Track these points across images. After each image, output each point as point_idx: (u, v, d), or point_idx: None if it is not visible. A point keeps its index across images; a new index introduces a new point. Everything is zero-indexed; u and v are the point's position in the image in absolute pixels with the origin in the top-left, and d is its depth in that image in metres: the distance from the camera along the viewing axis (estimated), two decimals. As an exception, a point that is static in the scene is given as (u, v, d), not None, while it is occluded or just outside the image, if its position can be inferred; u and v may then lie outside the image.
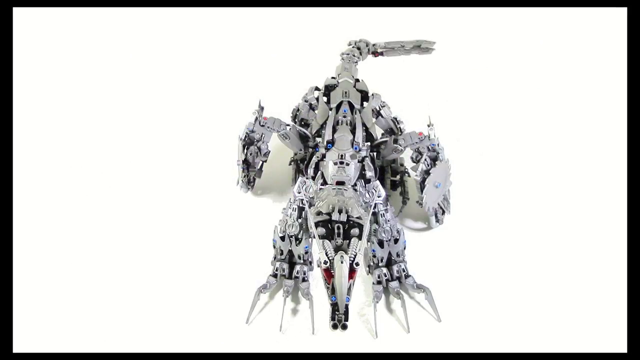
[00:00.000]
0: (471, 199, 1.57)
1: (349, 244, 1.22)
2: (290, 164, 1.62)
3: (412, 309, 1.30)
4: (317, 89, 1.64)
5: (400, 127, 1.62)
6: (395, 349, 1.23)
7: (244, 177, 1.56)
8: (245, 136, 1.53)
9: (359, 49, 1.81)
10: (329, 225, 1.24)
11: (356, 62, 1.75)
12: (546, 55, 2.25)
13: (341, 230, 1.24)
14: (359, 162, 1.39)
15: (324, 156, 1.41)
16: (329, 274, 1.19)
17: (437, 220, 1.49)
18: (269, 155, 1.56)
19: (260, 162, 1.57)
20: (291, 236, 1.31)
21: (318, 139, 1.48)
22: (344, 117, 1.49)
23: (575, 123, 1.89)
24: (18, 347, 1.26)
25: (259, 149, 1.54)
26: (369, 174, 1.40)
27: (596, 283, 1.37)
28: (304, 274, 1.31)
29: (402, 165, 1.59)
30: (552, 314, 1.30)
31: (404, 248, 1.33)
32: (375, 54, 1.87)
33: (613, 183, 1.64)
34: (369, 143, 1.46)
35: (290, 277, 1.31)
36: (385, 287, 1.31)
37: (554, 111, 1.95)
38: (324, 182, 1.36)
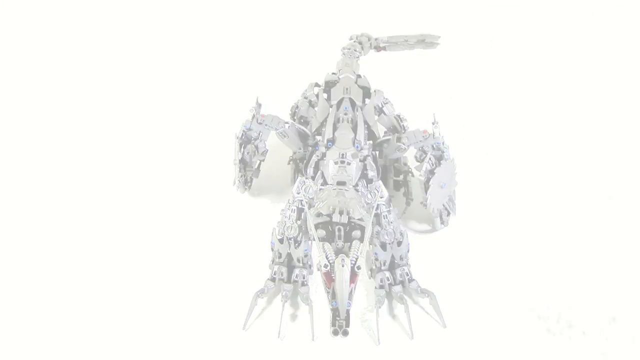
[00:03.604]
0: (477, 199, 1.56)
1: (350, 247, 1.21)
2: (289, 163, 1.61)
3: (416, 315, 1.28)
4: (317, 85, 1.62)
5: (403, 125, 1.60)
6: (399, 356, 1.22)
7: (241, 177, 1.55)
8: (242, 134, 1.52)
9: (360, 43, 1.79)
10: (330, 227, 1.23)
11: (358, 57, 1.73)
12: (556, 50, 2.24)
13: (342, 233, 1.22)
14: (360, 161, 1.38)
15: (324, 155, 1.40)
16: (329, 277, 1.17)
17: (442, 222, 1.48)
18: (266, 154, 1.54)
19: (258, 162, 1.55)
20: (290, 238, 1.29)
21: (318, 137, 1.47)
22: (345, 114, 1.47)
23: (585, 121, 1.87)
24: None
25: (257, 147, 1.53)
26: (371, 173, 1.38)
27: (608, 287, 1.35)
28: (303, 277, 1.30)
29: (405, 164, 1.57)
30: (562, 320, 1.28)
31: (408, 251, 1.31)
32: (378, 48, 1.85)
33: (626, 183, 1.62)
34: (371, 141, 1.44)
35: (289, 281, 1.30)
36: (388, 291, 1.29)
37: (563, 108, 1.94)
38: (324, 182, 1.35)
